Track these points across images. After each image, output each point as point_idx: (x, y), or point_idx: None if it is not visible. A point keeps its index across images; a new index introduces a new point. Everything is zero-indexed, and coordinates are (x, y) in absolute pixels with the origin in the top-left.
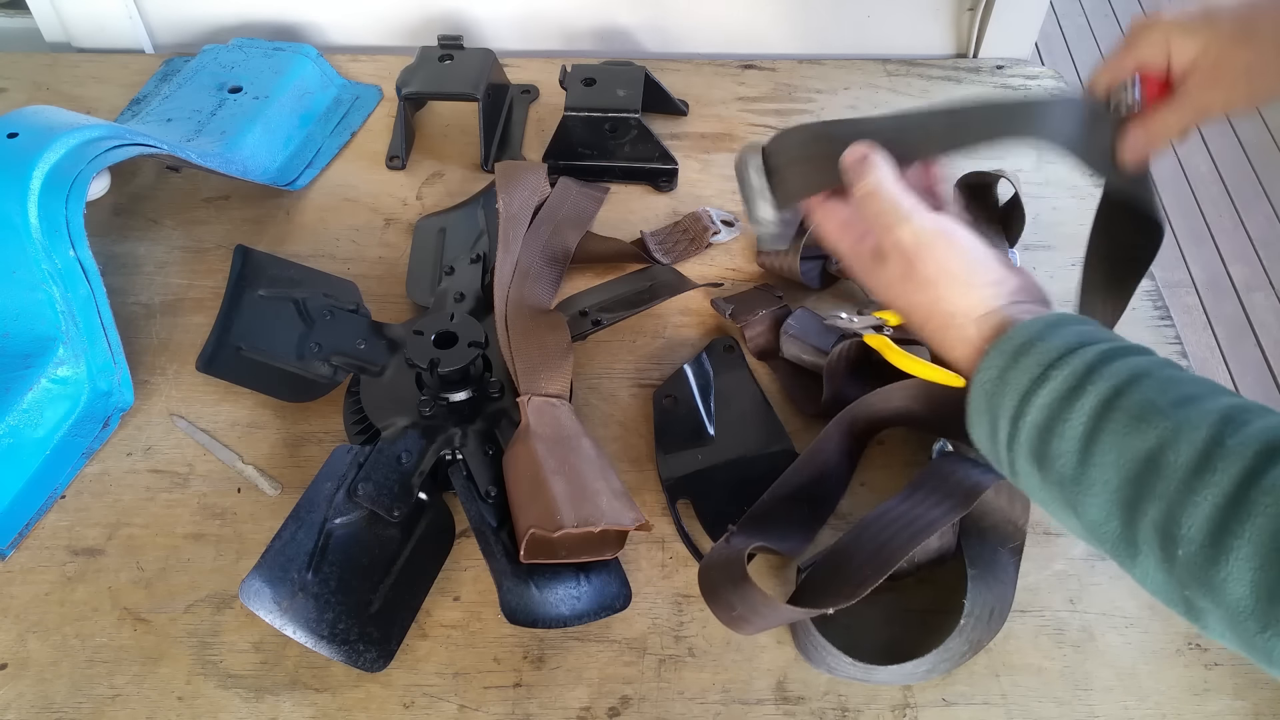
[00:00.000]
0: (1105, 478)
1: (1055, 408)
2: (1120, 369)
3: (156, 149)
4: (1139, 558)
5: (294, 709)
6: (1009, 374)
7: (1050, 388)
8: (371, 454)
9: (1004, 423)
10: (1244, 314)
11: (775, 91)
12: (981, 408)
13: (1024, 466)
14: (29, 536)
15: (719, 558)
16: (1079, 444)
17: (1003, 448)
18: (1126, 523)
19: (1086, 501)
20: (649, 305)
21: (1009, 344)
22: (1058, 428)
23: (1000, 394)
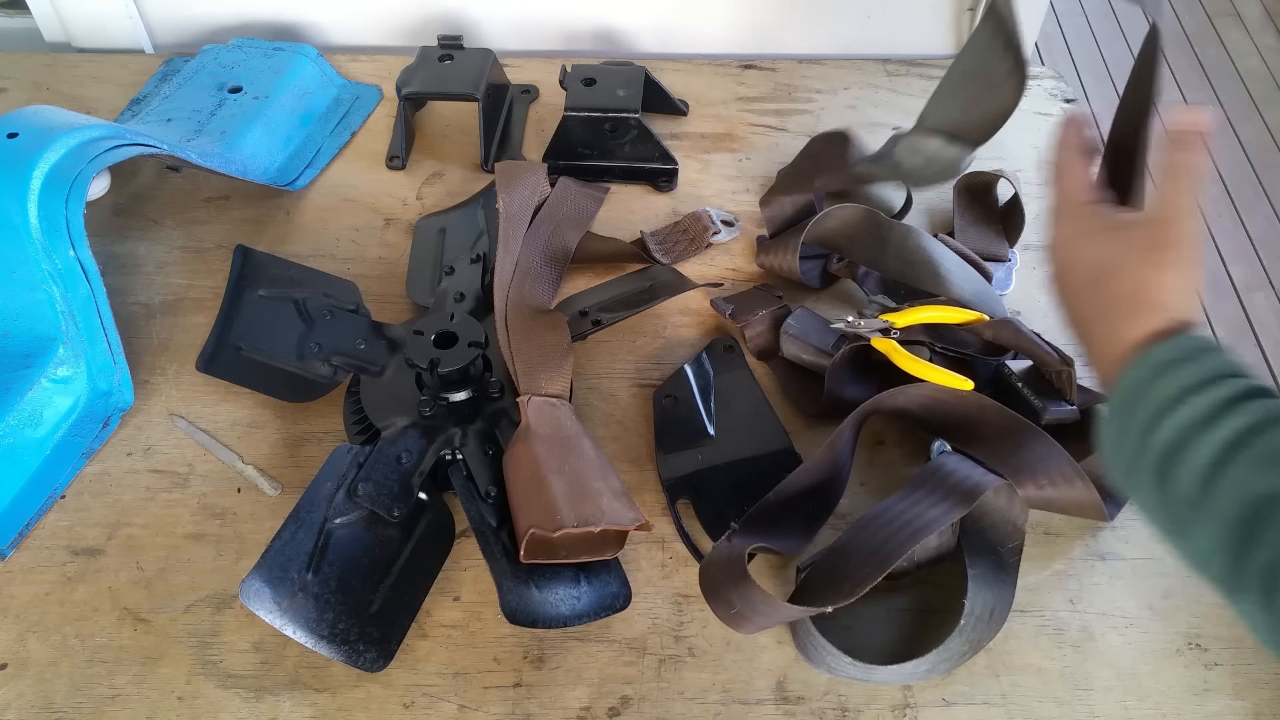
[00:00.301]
0: (1222, 511)
1: (1188, 431)
2: (1259, 409)
3: (156, 149)
4: (1242, 595)
5: (294, 709)
6: (1150, 387)
7: (1187, 410)
8: (371, 454)
9: (1134, 433)
10: (1244, 314)
11: (775, 91)
12: (1120, 409)
13: (1145, 479)
14: (29, 536)
15: (719, 556)
16: (1204, 472)
17: (1128, 455)
18: (1235, 560)
19: (1198, 530)
20: (649, 305)
21: (1155, 358)
22: (1187, 452)
23: (1140, 402)
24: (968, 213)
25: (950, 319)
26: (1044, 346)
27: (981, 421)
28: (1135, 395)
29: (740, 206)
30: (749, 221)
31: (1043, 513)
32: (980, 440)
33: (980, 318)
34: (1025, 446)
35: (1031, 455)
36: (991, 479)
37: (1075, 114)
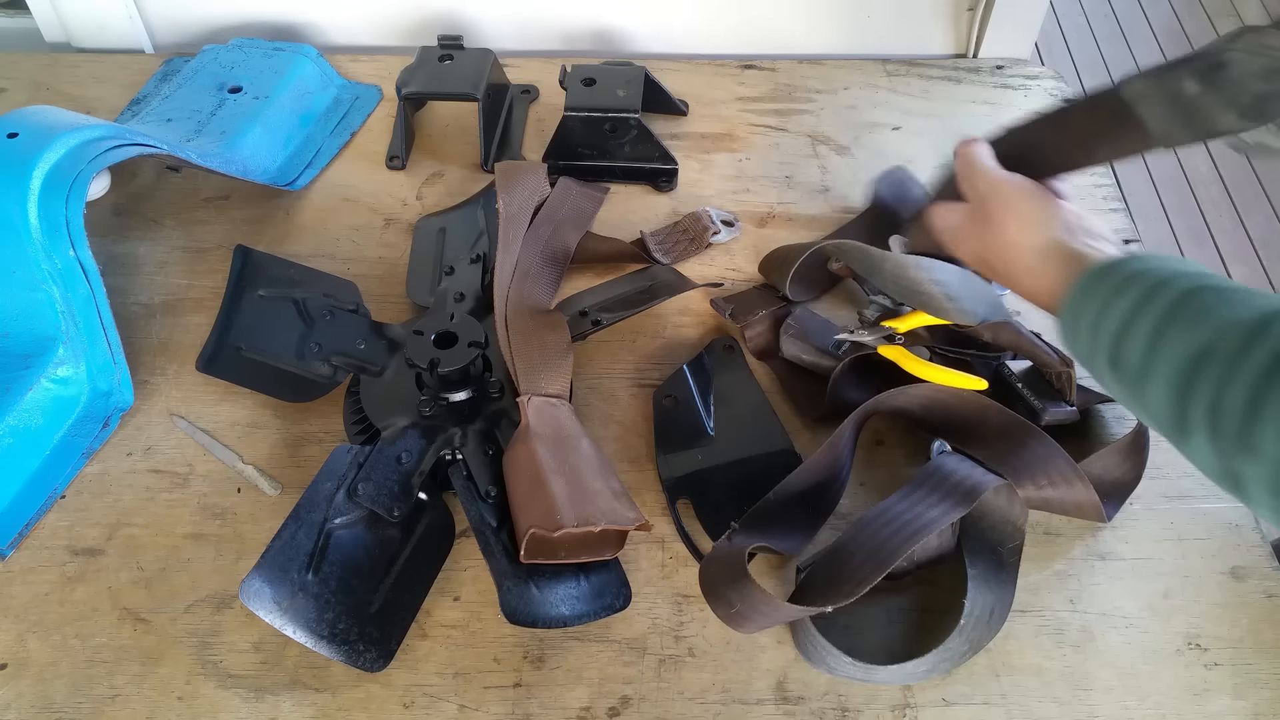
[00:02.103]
0: (1165, 370)
1: (1128, 315)
2: (1183, 283)
3: (156, 149)
4: (1191, 437)
5: (294, 709)
6: (1090, 293)
7: (1125, 299)
8: (371, 454)
9: (1085, 330)
10: None
11: (775, 91)
12: (1069, 321)
13: (1102, 366)
14: (29, 536)
15: (719, 555)
16: (1146, 343)
17: (1085, 343)
18: (1181, 406)
19: (1149, 392)
20: (649, 305)
21: (1091, 271)
22: (1130, 330)
23: (1085, 308)
24: None
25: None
26: (1043, 348)
27: (981, 422)
28: (1079, 311)
29: (740, 206)
30: (749, 221)
31: (1043, 513)
32: (980, 440)
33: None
34: (1025, 447)
35: (1031, 455)
36: (991, 479)
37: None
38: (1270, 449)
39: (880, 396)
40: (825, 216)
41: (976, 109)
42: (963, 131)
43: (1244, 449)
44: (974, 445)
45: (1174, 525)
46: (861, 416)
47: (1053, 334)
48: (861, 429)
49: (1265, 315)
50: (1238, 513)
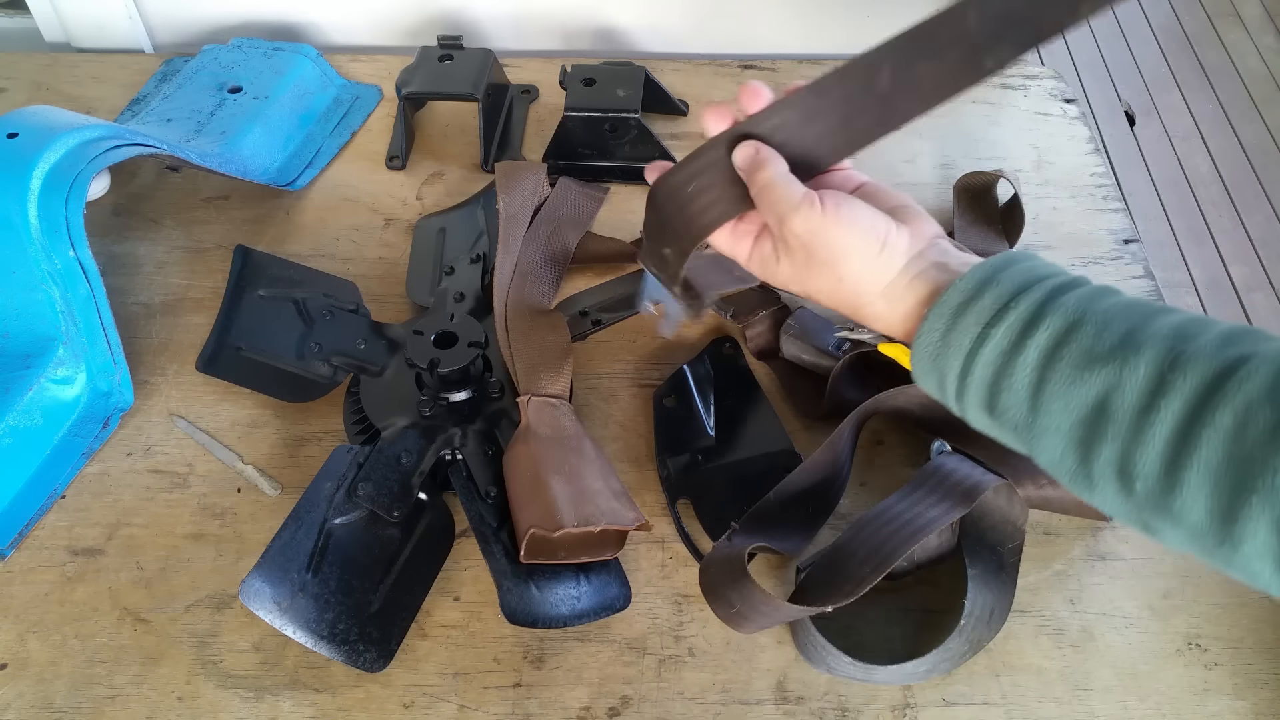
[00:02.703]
0: (1056, 424)
1: (999, 364)
2: (1057, 317)
3: (156, 149)
4: (1096, 489)
5: (294, 709)
6: (950, 336)
7: (992, 345)
8: (371, 454)
9: (951, 379)
10: (1244, 314)
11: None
12: (927, 368)
13: (976, 416)
14: (29, 536)
15: (719, 556)
16: (1027, 396)
17: (952, 400)
18: (1081, 461)
19: (1041, 444)
20: None
21: (945, 307)
22: (1004, 382)
23: (944, 355)
24: (968, 213)
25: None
26: None
27: None
28: (939, 350)
29: None
30: None
31: (1043, 513)
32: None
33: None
34: None
35: None
36: (991, 479)
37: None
38: (1191, 516)
39: (880, 396)
40: None
41: (976, 109)
42: (962, 132)
43: (1160, 512)
44: (974, 444)
45: None
46: (861, 416)
47: None
48: (861, 429)
49: (1161, 358)
50: None
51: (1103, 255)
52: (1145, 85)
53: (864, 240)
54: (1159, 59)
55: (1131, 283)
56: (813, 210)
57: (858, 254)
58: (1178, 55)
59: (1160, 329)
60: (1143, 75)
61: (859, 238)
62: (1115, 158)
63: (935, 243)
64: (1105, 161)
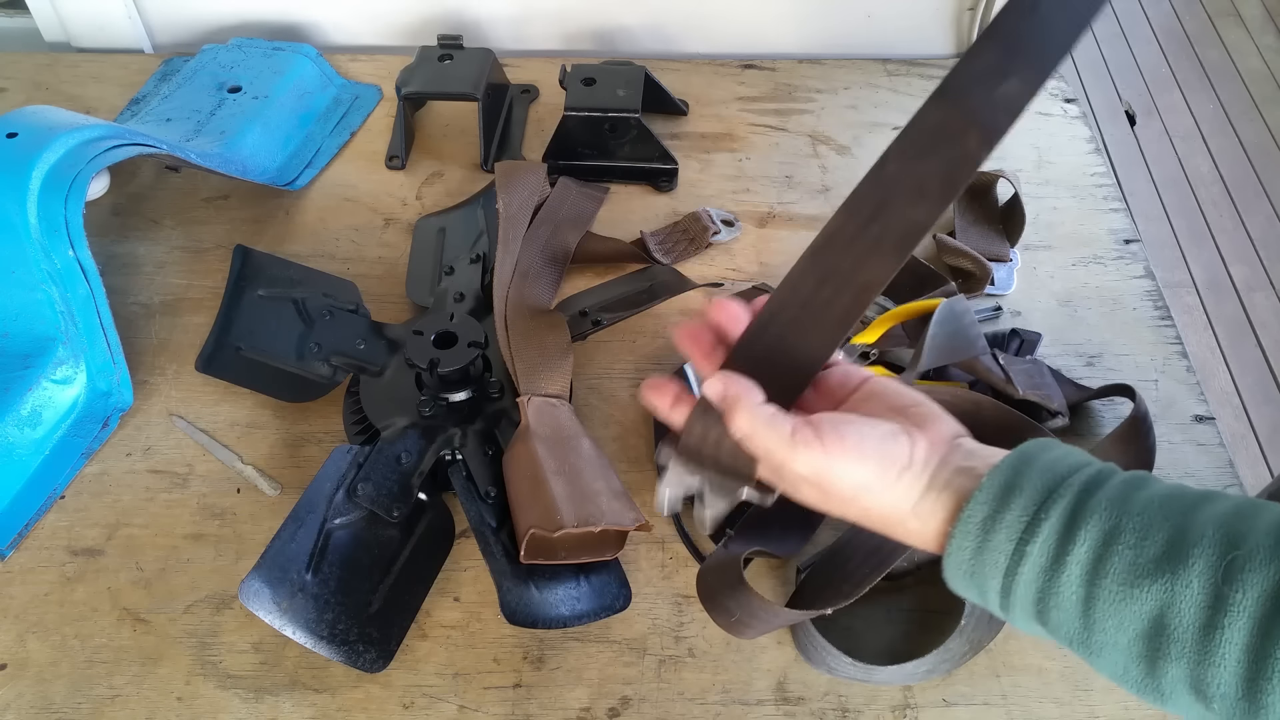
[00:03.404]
0: (1114, 640)
1: (1042, 583)
2: (1093, 527)
3: (156, 149)
4: (1170, 701)
5: (294, 709)
6: (983, 555)
7: (1030, 564)
8: (371, 454)
9: (993, 596)
10: (1244, 314)
11: (775, 91)
12: (964, 585)
13: (1028, 627)
14: (28, 537)
15: (716, 564)
16: (1078, 613)
17: (998, 612)
18: (1149, 674)
19: (1101, 659)
20: (649, 305)
21: (970, 524)
22: (1051, 600)
23: (980, 573)
24: (968, 213)
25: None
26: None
27: (977, 418)
28: (974, 567)
29: (740, 206)
30: (749, 221)
31: None
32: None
33: (934, 304)
34: None
35: None
36: None
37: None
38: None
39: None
40: (825, 216)
41: None
42: None
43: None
44: None
45: None
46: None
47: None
48: None
49: (1214, 569)
50: None
51: (1103, 255)
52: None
53: (879, 468)
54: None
55: (1132, 282)
56: (810, 449)
57: (876, 483)
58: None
59: (1203, 529)
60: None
61: (872, 466)
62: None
63: (957, 445)
64: (1106, 161)
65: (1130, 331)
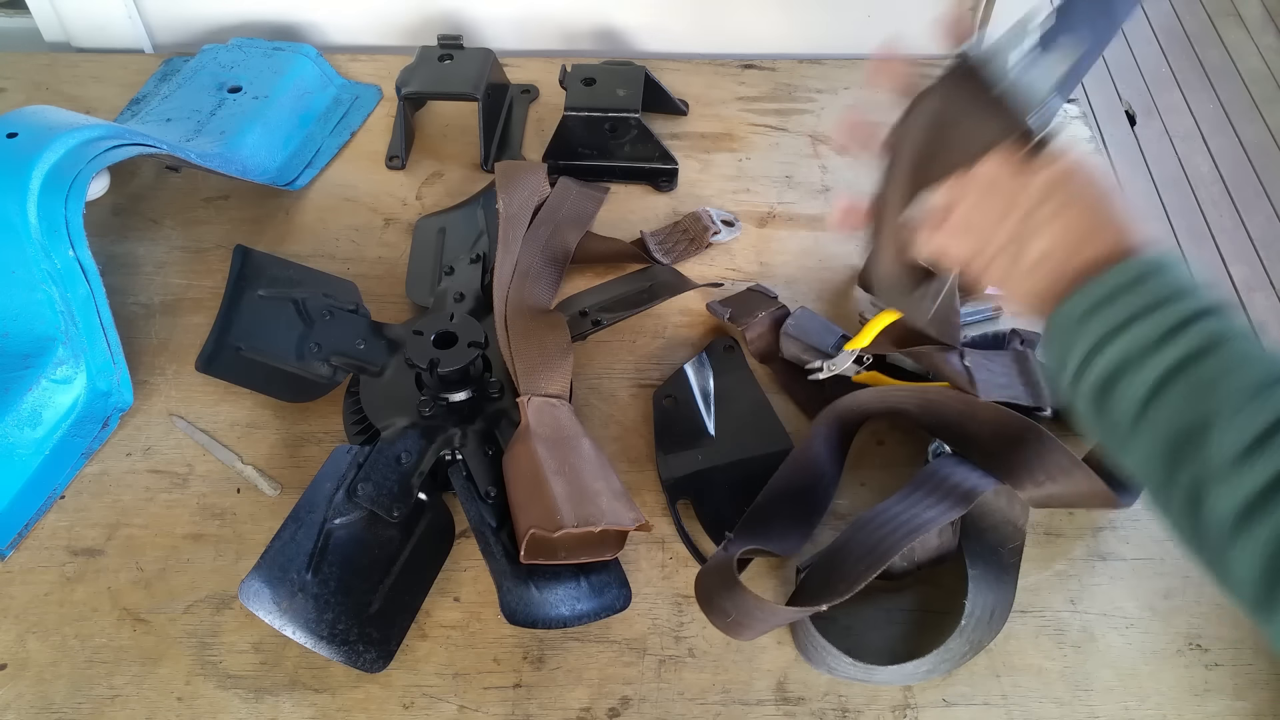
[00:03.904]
0: (1156, 432)
1: (1126, 362)
2: (1199, 333)
3: (156, 149)
4: (1170, 507)
5: (294, 709)
6: (1091, 318)
7: (1126, 342)
8: (371, 454)
9: (1074, 361)
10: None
11: (775, 91)
12: (1059, 339)
13: (1083, 402)
14: (28, 537)
15: (713, 566)
16: (1140, 401)
17: (1068, 378)
18: (1166, 473)
19: (1135, 445)
20: (649, 305)
21: (1101, 286)
22: (1124, 381)
23: (1078, 334)
24: None
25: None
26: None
27: (973, 419)
28: (1072, 328)
29: (740, 206)
30: (749, 221)
31: (1043, 513)
32: (976, 439)
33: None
34: (1021, 443)
35: (1028, 451)
36: (989, 482)
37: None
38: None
39: (852, 395)
40: (825, 216)
41: None
42: None
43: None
44: (971, 445)
45: None
46: (833, 415)
47: None
48: (844, 429)
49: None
50: None
51: None
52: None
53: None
54: (1159, 59)
55: None
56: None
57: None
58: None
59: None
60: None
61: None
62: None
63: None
64: (1106, 161)
65: None
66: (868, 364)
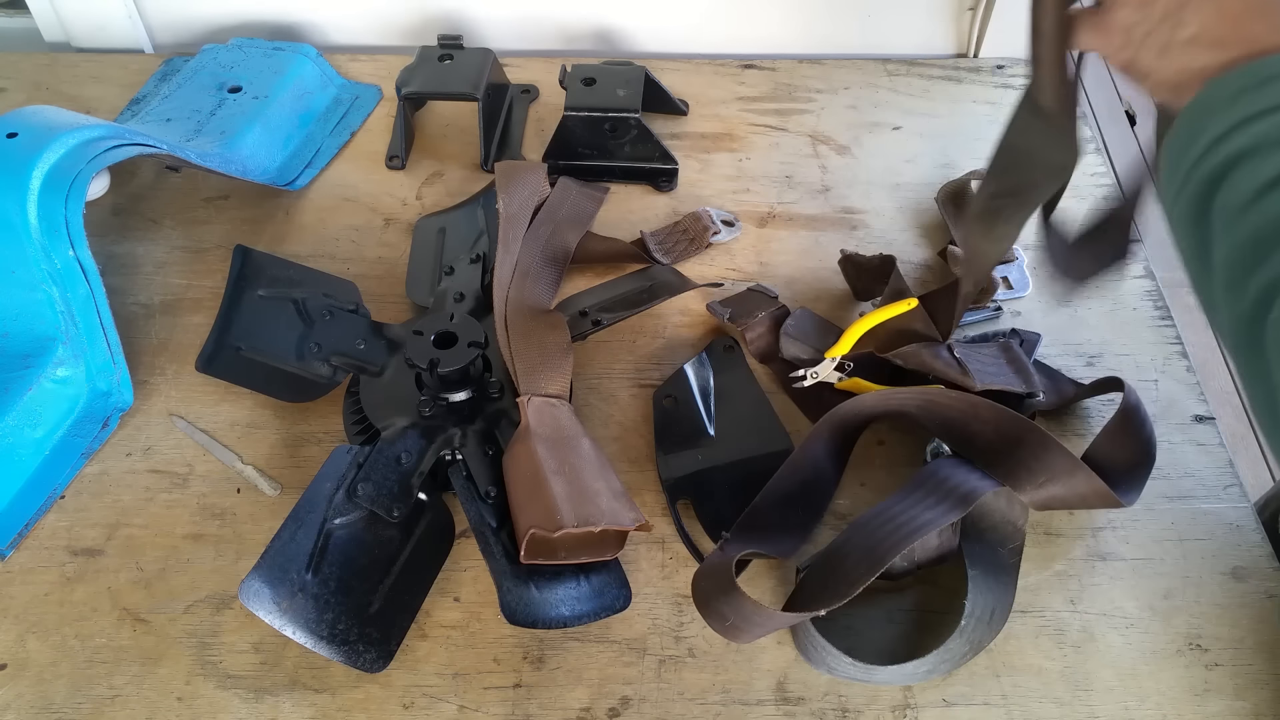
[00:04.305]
0: (1259, 223)
1: (1263, 143)
2: None
3: (156, 149)
4: (1237, 306)
5: (294, 709)
6: (1241, 96)
7: (1269, 125)
8: (371, 454)
9: (1196, 150)
10: None
11: (775, 91)
12: (1187, 127)
13: (1195, 184)
14: (28, 537)
15: (709, 568)
16: (1260, 185)
17: (1184, 170)
18: (1246, 270)
19: (1229, 237)
20: (649, 305)
21: (1234, 81)
22: (1254, 161)
23: (1221, 112)
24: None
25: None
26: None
27: (974, 419)
28: (1218, 107)
29: (740, 206)
30: (749, 221)
31: (1043, 513)
32: (977, 439)
33: (909, 304)
34: (1020, 444)
35: (1027, 452)
36: (988, 485)
37: None
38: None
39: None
40: (825, 216)
41: (977, 109)
42: (963, 132)
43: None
44: (972, 446)
45: (1174, 525)
46: (834, 420)
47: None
48: (845, 433)
49: None
50: (1238, 513)
51: None
52: None
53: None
54: None
55: (1132, 282)
56: None
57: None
58: None
59: None
60: None
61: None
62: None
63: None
64: (1106, 161)
65: (1130, 331)
66: (850, 371)
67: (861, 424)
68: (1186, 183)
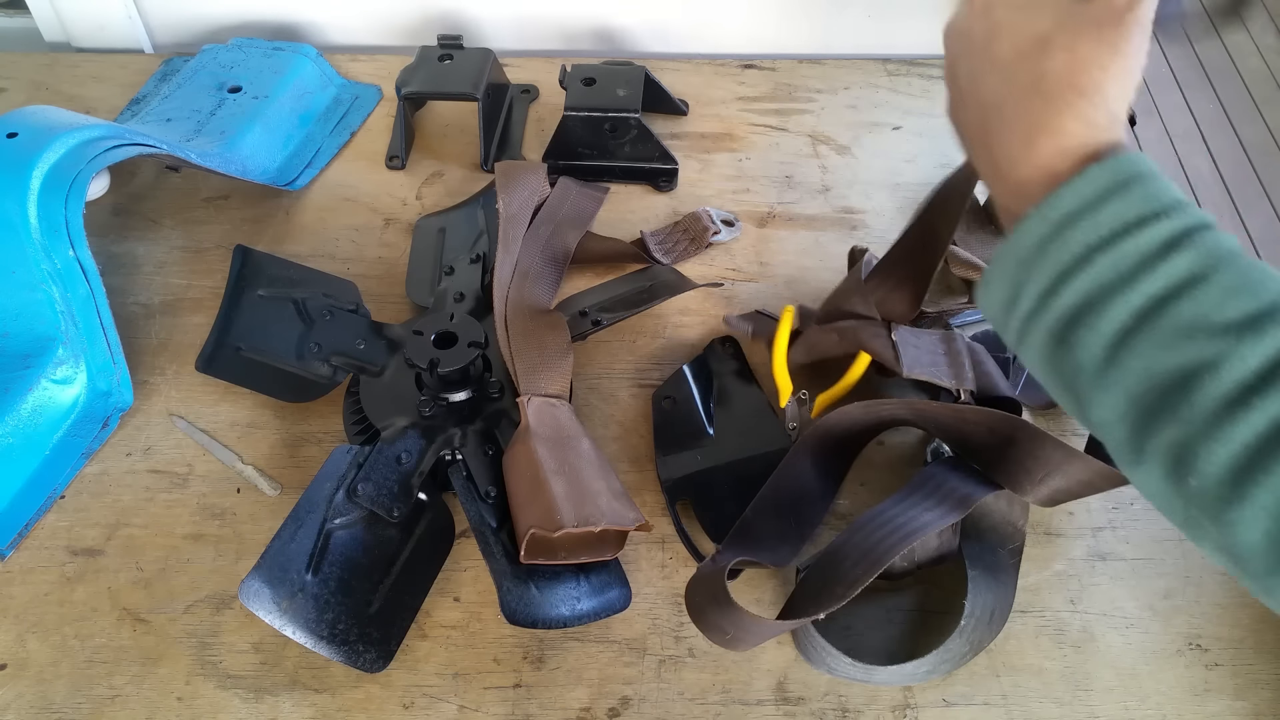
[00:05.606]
0: (1127, 382)
1: (1095, 296)
2: (1180, 266)
3: (156, 149)
4: (1142, 467)
5: (294, 709)
6: (1052, 244)
7: (1095, 273)
8: (371, 454)
9: (1030, 295)
10: None
11: (775, 91)
12: (1005, 274)
13: (1037, 347)
14: (28, 537)
15: (701, 578)
16: (1110, 341)
17: (1019, 319)
18: (1137, 432)
19: (1098, 399)
20: (649, 305)
21: (1057, 208)
22: (1091, 318)
23: (1036, 262)
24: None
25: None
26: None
27: (965, 422)
28: (1041, 245)
29: (740, 206)
30: (749, 221)
31: (1043, 513)
32: (970, 441)
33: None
34: (1014, 442)
35: (1022, 450)
36: (986, 488)
37: None
38: (1246, 535)
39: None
40: (825, 216)
41: None
42: None
43: (1210, 516)
44: (969, 449)
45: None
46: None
47: None
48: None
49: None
50: None
51: None
52: (1146, 85)
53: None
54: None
55: None
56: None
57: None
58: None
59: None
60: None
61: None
62: None
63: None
64: None
65: None
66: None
67: (853, 434)
68: (1026, 335)
